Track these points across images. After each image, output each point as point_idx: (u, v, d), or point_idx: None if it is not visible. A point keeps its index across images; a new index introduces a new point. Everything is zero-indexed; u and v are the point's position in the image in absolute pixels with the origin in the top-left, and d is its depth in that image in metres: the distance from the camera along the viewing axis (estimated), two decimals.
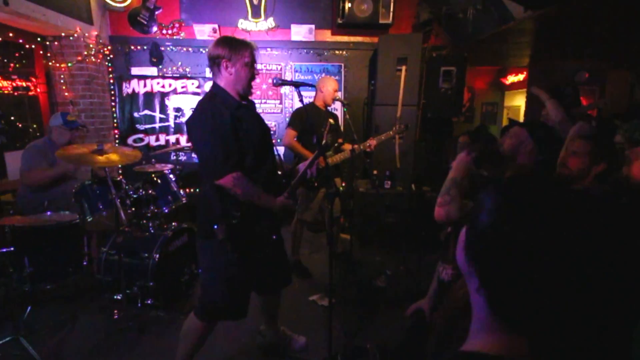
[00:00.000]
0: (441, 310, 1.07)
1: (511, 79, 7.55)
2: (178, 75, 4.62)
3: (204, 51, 4.58)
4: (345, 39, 4.69)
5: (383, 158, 4.00)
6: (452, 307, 0.98)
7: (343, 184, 4.66)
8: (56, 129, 3.05)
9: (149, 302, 2.66)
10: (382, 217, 3.88)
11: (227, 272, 1.81)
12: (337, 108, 4.64)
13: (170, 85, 4.60)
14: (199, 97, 4.57)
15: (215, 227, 1.70)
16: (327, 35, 4.70)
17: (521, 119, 6.01)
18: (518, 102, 7.58)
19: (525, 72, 6.69)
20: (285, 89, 4.76)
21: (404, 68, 3.87)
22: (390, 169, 3.96)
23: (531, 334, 0.53)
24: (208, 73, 4.64)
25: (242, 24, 4.54)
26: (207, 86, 4.59)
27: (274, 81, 1.93)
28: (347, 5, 4.25)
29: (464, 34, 3.88)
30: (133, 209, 2.92)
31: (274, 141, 4.76)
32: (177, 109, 4.64)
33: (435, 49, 4.42)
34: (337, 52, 4.69)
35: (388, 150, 3.92)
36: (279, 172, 2.07)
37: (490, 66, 7.46)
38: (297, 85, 1.93)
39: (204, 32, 4.53)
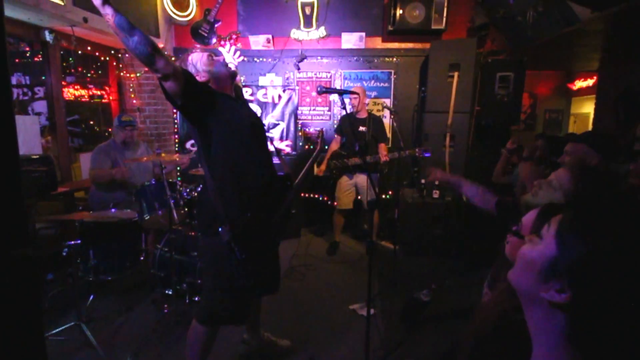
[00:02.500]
0: (471, 329, 1.01)
1: (579, 84, 6.98)
2: None
3: (257, 60, 4.78)
4: (395, 45, 4.63)
5: (432, 167, 3.88)
6: (483, 328, 0.92)
7: (390, 193, 4.60)
8: (114, 129, 3.39)
9: (196, 299, 2.78)
10: (429, 228, 3.75)
11: (231, 276, 1.76)
12: (386, 115, 4.59)
13: None
14: (252, 104, 4.81)
15: (220, 229, 1.66)
16: (377, 43, 4.68)
17: (589, 127, 5.51)
18: (586, 109, 6.97)
19: (595, 77, 6.15)
20: (334, 96, 4.80)
21: (456, 74, 3.74)
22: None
23: None
24: (261, 82, 4.81)
25: (295, 33, 4.66)
26: (260, 94, 4.76)
27: (318, 89, 1.97)
28: (399, 12, 4.20)
29: (523, 37, 3.66)
30: (186, 209, 3.10)
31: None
32: None
33: (491, 53, 4.22)
34: (387, 59, 4.64)
35: (437, 159, 3.80)
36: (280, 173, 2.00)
37: (554, 70, 6.96)
38: (339, 92, 1.95)
39: (259, 42, 4.71)
